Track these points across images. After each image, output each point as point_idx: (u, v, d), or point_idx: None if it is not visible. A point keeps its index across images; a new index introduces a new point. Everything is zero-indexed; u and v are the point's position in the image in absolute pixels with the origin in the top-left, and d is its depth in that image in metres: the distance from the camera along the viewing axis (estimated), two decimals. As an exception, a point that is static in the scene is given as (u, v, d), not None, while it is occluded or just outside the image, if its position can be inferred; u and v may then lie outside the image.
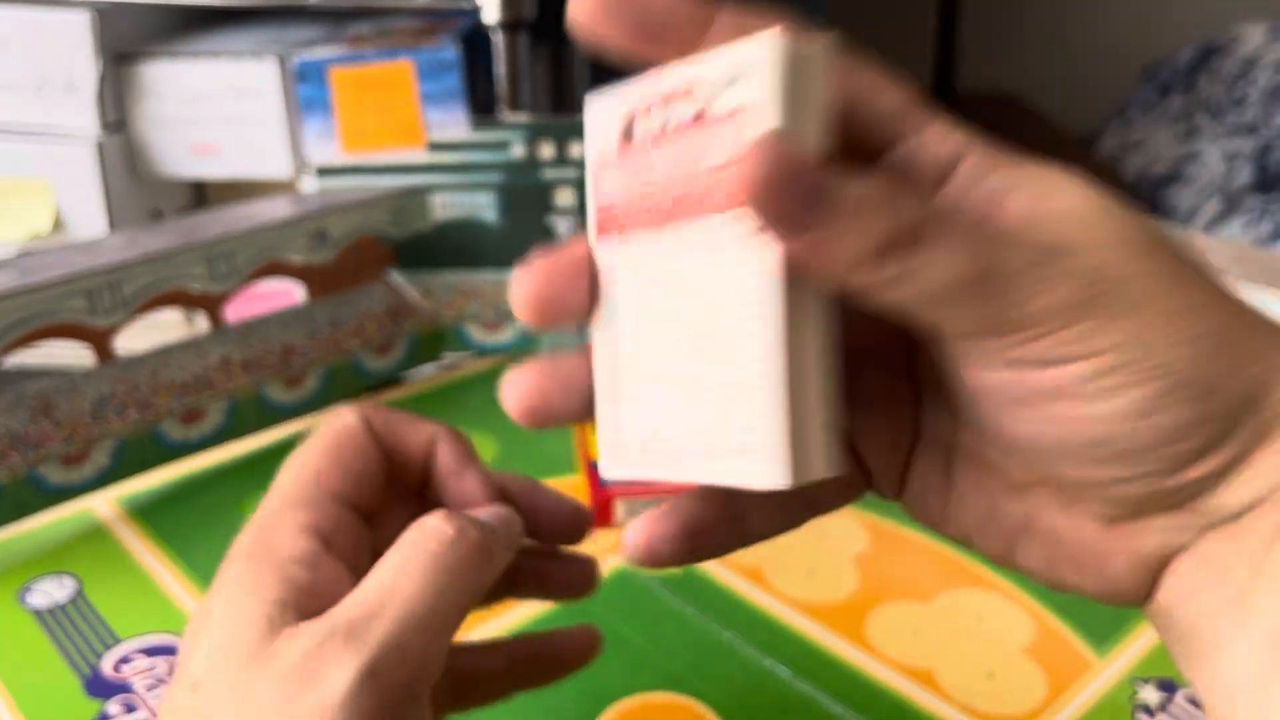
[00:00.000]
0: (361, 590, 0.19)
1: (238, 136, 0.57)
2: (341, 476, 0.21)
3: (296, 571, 0.19)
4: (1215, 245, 0.42)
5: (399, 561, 0.19)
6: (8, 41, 0.53)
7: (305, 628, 0.18)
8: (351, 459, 0.22)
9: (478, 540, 0.19)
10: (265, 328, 0.45)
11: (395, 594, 0.18)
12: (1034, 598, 0.35)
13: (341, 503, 0.21)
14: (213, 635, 0.19)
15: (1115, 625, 0.33)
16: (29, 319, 0.37)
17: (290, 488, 0.21)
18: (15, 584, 0.36)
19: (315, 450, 0.22)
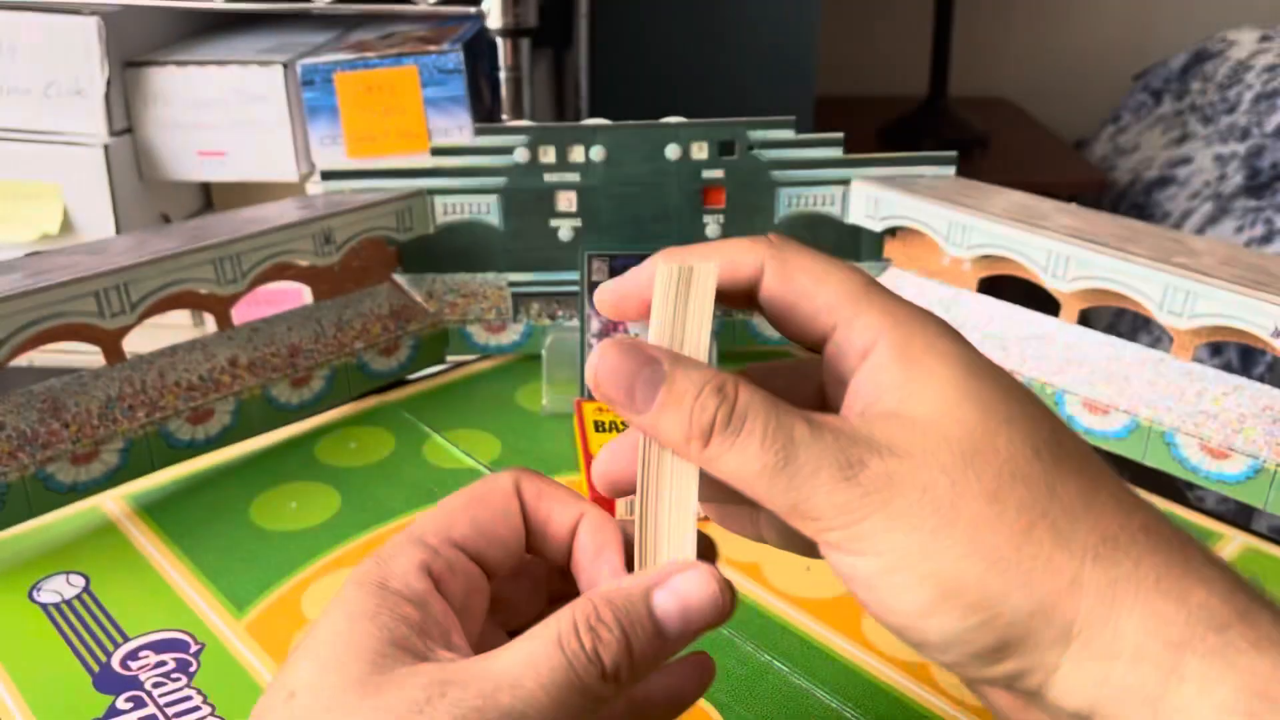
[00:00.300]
0: (489, 660, 0.19)
1: (244, 141, 0.57)
2: (470, 527, 0.22)
3: (409, 610, 0.20)
4: (1206, 248, 0.43)
5: (533, 655, 0.19)
6: (17, 47, 0.54)
7: (421, 670, 0.19)
8: (486, 515, 0.22)
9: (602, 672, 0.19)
10: (272, 329, 0.45)
11: (517, 687, 0.19)
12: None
13: (461, 549, 0.22)
14: (319, 654, 0.19)
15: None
16: (38, 320, 0.37)
17: (420, 527, 0.22)
18: (26, 581, 0.36)
19: (459, 498, 0.23)
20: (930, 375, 0.20)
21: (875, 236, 0.50)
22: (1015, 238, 0.44)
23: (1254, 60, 1.18)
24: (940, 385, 0.20)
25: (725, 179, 0.48)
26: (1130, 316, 1.07)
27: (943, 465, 0.19)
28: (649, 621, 0.20)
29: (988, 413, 0.20)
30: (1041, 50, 1.50)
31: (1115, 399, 0.42)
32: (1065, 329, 0.45)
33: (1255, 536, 0.40)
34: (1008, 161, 1.23)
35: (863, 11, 1.46)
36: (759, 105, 0.93)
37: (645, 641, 0.20)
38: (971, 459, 0.19)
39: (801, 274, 0.22)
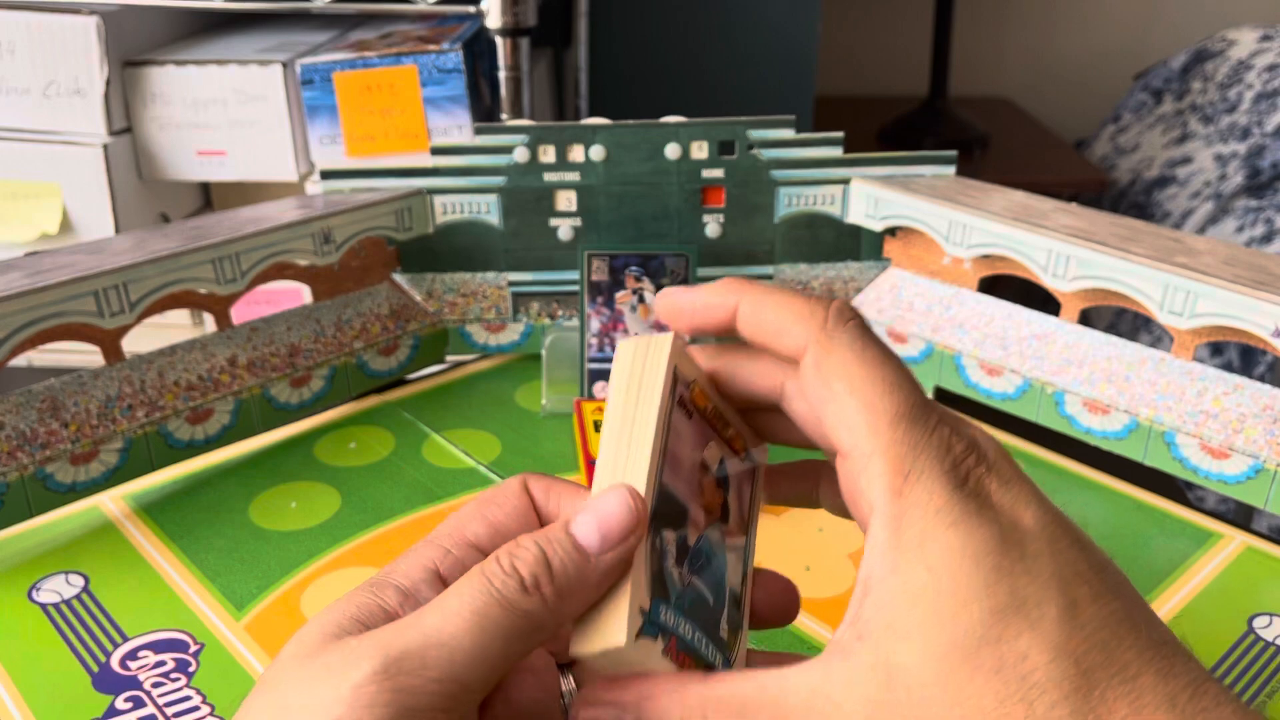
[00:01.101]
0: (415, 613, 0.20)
1: (244, 141, 0.57)
2: (482, 525, 0.22)
3: (387, 593, 0.20)
4: (1207, 247, 0.43)
5: (456, 586, 0.20)
6: (16, 46, 0.54)
7: (361, 637, 0.19)
8: (498, 514, 0.23)
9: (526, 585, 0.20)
10: (271, 328, 0.45)
11: (436, 609, 0.19)
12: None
13: (474, 548, 0.22)
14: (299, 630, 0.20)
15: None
16: (38, 320, 0.37)
17: (436, 533, 0.23)
18: (25, 581, 0.36)
19: (471, 504, 0.23)
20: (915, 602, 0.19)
21: (875, 236, 0.50)
22: (1015, 237, 0.44)
23: (1254, 60, 1.18)
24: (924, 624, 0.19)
25: (725, 178, 0.48)
26: (1130, 316, 1.06)
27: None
28: (565, 537, 0.20)
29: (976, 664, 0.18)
30: (1041, 50, 1.50)
31: (1115, 399, 0.42)
32: (1065, 329, 0.45)
33: (1255, 536, 0.40)
34: (1008, 161, 1.23)
35: (863, 12, 1.46)
36: (759, 105, 0.93)
37: (564, 555, 0.20)
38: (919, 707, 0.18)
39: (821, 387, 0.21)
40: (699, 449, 0.23)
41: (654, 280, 0.47)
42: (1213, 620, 0.35)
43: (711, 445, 0.24)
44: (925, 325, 0.48)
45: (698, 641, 0.22)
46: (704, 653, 0.22)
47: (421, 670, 0.18)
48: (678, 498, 0.22)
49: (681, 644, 0.22)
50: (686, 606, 0.22)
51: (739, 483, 0.24)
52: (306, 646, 0.19)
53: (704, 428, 0.23)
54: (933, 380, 0.48)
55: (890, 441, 0.20)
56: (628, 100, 0.92)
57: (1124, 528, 0.40)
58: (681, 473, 0.22)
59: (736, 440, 0.24)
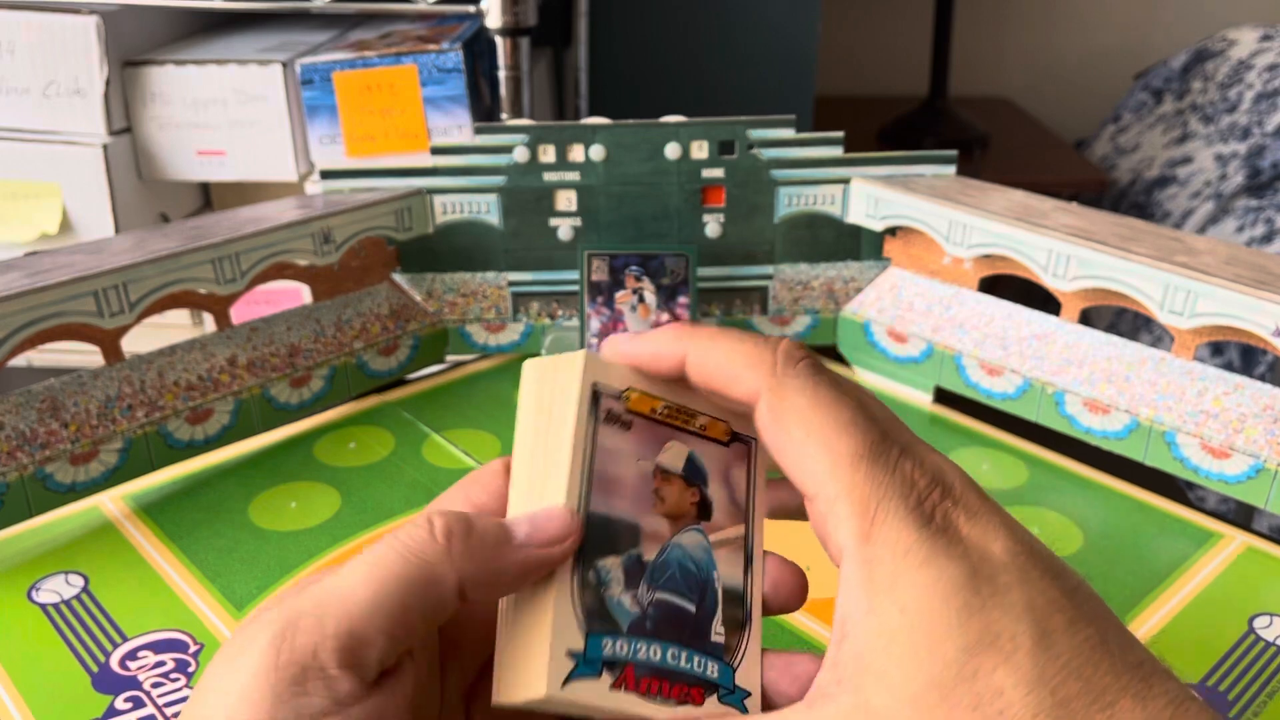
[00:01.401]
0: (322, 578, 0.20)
1: (244, 140, 0.57)
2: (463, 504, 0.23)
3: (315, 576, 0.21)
4: (1207, 247, 0.43)
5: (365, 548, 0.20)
6: (16, 47, 0.54)
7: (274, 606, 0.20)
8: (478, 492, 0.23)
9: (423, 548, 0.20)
10: (271, 328, 0.45)
11: (336, 569, 0.20)
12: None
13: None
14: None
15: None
16: (37, 320, 0.37)
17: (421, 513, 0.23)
18: (25, 581, 0.36)
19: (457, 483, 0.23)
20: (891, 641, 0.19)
21: (875, 236, 0.50)
22: (1016, 237, 0.44)
23: (1255, 59, 1.18)
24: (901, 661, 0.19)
25: (725, 178, 0.48)
26: (1131, 316, 1.06)
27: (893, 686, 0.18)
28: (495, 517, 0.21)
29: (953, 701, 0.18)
30: (1041, 50, 1.50)
31: (1116, 398, 0.42)
32: (1065, 328, 0.45)
33: (1256, 536, 0.40)
34: (1008, 161, 1.22)
35: (863, 12, 1.46)
36: (759, 105, 0.93)
37: (487, 524, 0.20)
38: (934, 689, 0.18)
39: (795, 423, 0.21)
40: (649, 456, 0.22)
41: (654, 280, 0.47)
42: (1213, 620, 0.35)
43: (672, 445, 0.23)
44: (925, 325, 0.48)
45: (673, 659, 0.22)
46: (685, 668, 0.22)
47: (318, 627, 0.18)
48: (619, 519, 0.22)
49: (645, 669, 0.21)
50: (650, 628, 0.21)
51: (723, 472, 0.23)
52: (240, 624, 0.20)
53: (655, 432, 0.23)
54: (933, 380, 0.48)
55: (852, 484, 0.20)
56: (628, 100, 0.92)
57: (1124, 528, 0.40)
58: (623, 491, 0.22)
59: (712, 428, 0.23)
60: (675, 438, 0.23)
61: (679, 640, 0.22)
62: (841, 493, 0.20)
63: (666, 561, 0.22)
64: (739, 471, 0.24)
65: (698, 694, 0.22)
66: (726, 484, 0.23)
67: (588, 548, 0.21)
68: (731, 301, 0.51)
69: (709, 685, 0.22)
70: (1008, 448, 0.45)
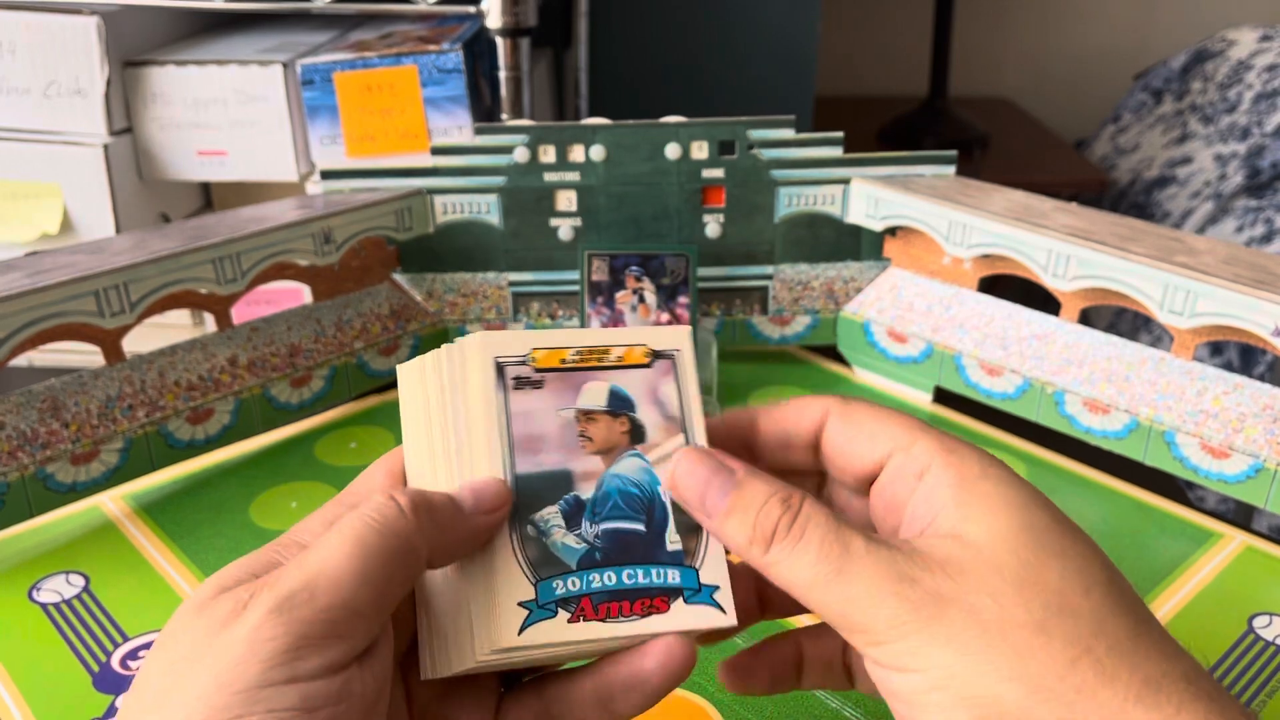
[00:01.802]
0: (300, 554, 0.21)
1: (244, 141, 0.57)
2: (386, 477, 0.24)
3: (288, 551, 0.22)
4: (1207, 247, 0.43)
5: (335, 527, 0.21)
6: (17, 47, 0.54)
7: (250, 584, 0.20)
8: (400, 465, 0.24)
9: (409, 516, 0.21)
10: (272, 328, 0.45)
11: (317, 549, 0.20)
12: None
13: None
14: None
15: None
16: (38, 320, 0.37)
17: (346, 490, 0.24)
18: (26, 581, 0.36)
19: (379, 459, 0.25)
20: (983, 499, 0.21)
21: (875, 236, 0.50)
22: (1016, 237, 0.44)
23: (1254, 60, 1.18)
24: (994, 512, 0.21)
25: (725, 178, 0.48)
26: (1130, 316, 1.06)
27: (992, 590, 0.20)
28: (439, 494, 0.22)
29: (1040, 544, 0.20)
30: (1041, 50, 1.50)
31: (1115, 398, 0.42)
32: (1065, 328, 0.45)
33: (1255, 536, 0.40)
34: (1008, 161, 1.23)
35: (862, 12, 1.46)
36: (759, 105, 0.93)
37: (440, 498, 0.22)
38: (1021, 588, 0.20)
39: (861, 412, 0.24)
40: (570, 404, 0.24)
41: (654, 280, 0.47)
42: (1213, 620, 0.35)
43: (589, 388, 0.24)
44: (925, 325, 0.48)
45: (629, 579, 0.23)
46: (644, 584, 0.23)
47: (311, 602, 0.19)
48: (547, 472, 0.23)
49: (602, 596, 0.23)
50: (600, 558, 0.23)
51: (651, 392, 0.25)
52: (198, 601, 0.20)
53: (570, 380, 0.24)
54: (933, 380, 0.48)
55: (928, 433, 0.23)
56: (628, 100, 0.92)
57: (1124, 528, 0.40)
58: (547, 445, 0.24)
59: (630, 355, 0.25)
60: (594, 378, 0.24)
61: (633, 561, 0.23)
62: (918, 437, 0.22)
63: (606, 493, 0.24)
64: (668, 386, 0.25)
65: (661, 603, 0.23)
66: (656, 402, 0.25)
67: (520, 507, 0.23)
68: (731, 301, 0.51)
69: (673, 591, 0.23)
70: (1007, 448, 0.45)
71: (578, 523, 0.23)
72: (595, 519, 0.23)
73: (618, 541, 0.23)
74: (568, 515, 0.23)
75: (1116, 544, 0.39)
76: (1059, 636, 0.19)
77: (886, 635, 0.20)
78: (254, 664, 0.18)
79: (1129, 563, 0.38)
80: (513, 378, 0.24)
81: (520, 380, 0.24)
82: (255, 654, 0.19)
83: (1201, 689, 0.19)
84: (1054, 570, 0.20)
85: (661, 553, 0.23)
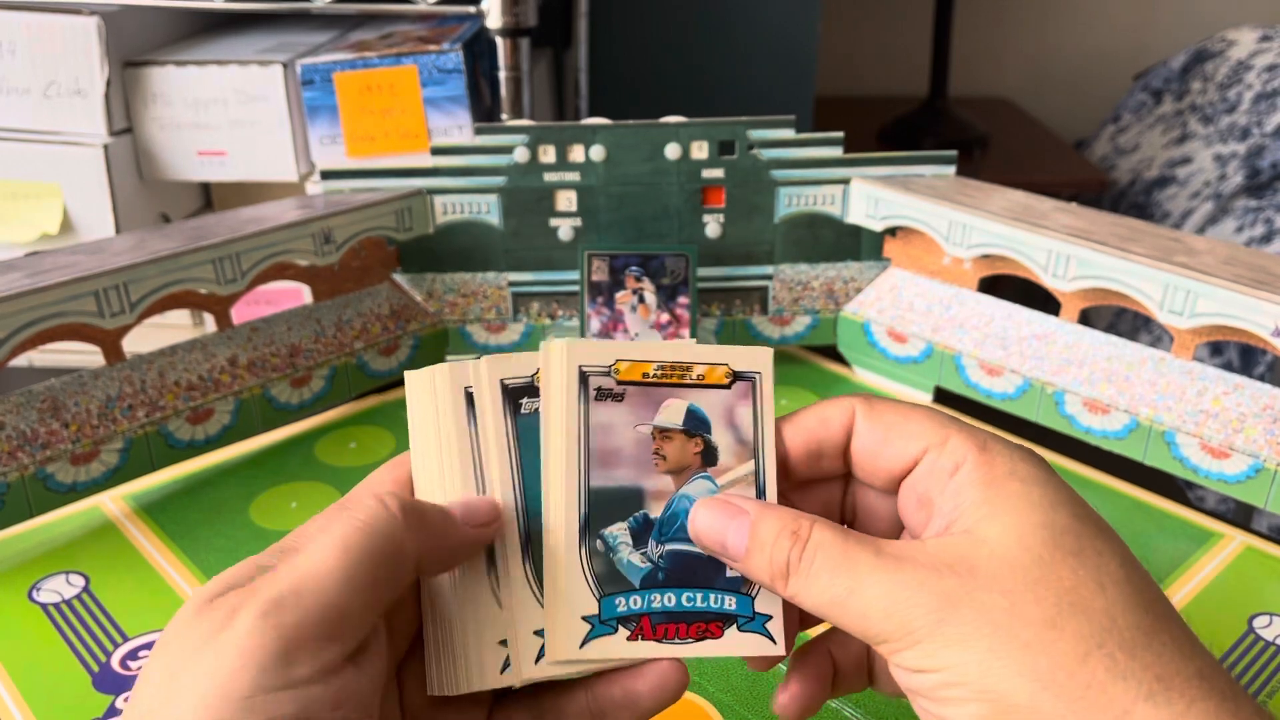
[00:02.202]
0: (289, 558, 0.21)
1: (244, 141, 0.57)
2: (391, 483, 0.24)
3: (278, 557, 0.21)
4: (1206, 247, 0.43)
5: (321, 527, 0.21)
6: (16, 46, 0.54)
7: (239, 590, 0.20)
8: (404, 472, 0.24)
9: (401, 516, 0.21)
10: (272, 329, 0.45)
11: (304, 550, 0.20)
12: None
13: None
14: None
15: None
16: (38, 320, 0.37)
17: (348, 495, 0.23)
18: (26, 581, 0.36)
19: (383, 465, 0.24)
20: (1008, 498, 0.21)
21: (875, 236, 0.50)
22: (1016, 237, 0.44)
23: (1254, 60, 1.18)
24: (1016, 510, 0.21)
25: (725, 178, 0.48)
26: (1130, 316, 1.06)
27: (1004, 588, 0.20)
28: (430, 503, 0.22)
29: (1057, 543, 0.21)
30: (1041, 50, 1.50)
31: (1115, 398, 0.42)
32: (1065, 328, 0.45)
33: (1255, 536, 0.40)
34: (1008, 161, 1.23)
35: (862, 12, 1.46)
36: (759, 105, 0.93)
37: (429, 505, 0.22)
38: (1034, 584, 0.20)
39: (889, 412, 0.24)
40: (648, 420, 0.24)
41: (654, 280, 0.47)
42: (1213, 620, 0.35)
43: (669, 405, 0.24)
44: (925, 325, 0.48)
45: (688, 602, 0.23)
46: (702, 607, 0.24)
47: (298, 605, 0.19)
48: (620, 488, 0.23)
49: (660, 617, 0.23)
50: (663, 578, 0.23)
51: (727, 414, 0.24)
52: (194, 606, 0.20)
53: (651, 395, 0.24)
54: (932, 380, 0.48)
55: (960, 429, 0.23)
56: (628, 100, 0.92)
57: (1124, 528, 0.40)
58: (622, 460, 0.23)
59: (711, 374, 0.24)
60: (674, 395, 0.24)
61: (694, 584, 0.23)
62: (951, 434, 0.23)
63: (674, 514, 0.24)
64: (744, 410, 0.25)
65: (716, 628, 0.23)
66: (732, 425, 0.24)
67: (591, 520, 0.23)
68: (731, 301, 0.51)
69: (728, 617, 0.23)
70: (1007, 448, 0.45)
71: (644, 541, 0.23)
72: (661, 539, 0.23)
73: (680, 563, 0.23)
74: (635, 533, 0.23)
75: (1116, 544, 0.39)
76: (1070, 633, 0.19)
77: (904, 642, 0.20)
78: (248, 671, 0.19)
79: (1129, 563, 0.38)
80: (595, 388, 0.23)
81: (602, 391, 0.23)
82: (248, 661, 0.19)
83: (1214, 686, 0.19)
84: (1068, 568, 0.20)
85: (721, 578, 0.24)
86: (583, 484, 0.23)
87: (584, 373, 0.23)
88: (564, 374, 0.23)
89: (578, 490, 0.23)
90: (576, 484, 0.23)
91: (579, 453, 0.23)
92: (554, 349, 0.23)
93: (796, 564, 0.22)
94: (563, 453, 0.23)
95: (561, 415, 0.23)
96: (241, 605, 0.19)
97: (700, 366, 0.24)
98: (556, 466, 0.23)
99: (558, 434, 0.23)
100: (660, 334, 0.47)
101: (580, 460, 0.23)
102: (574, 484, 0.23)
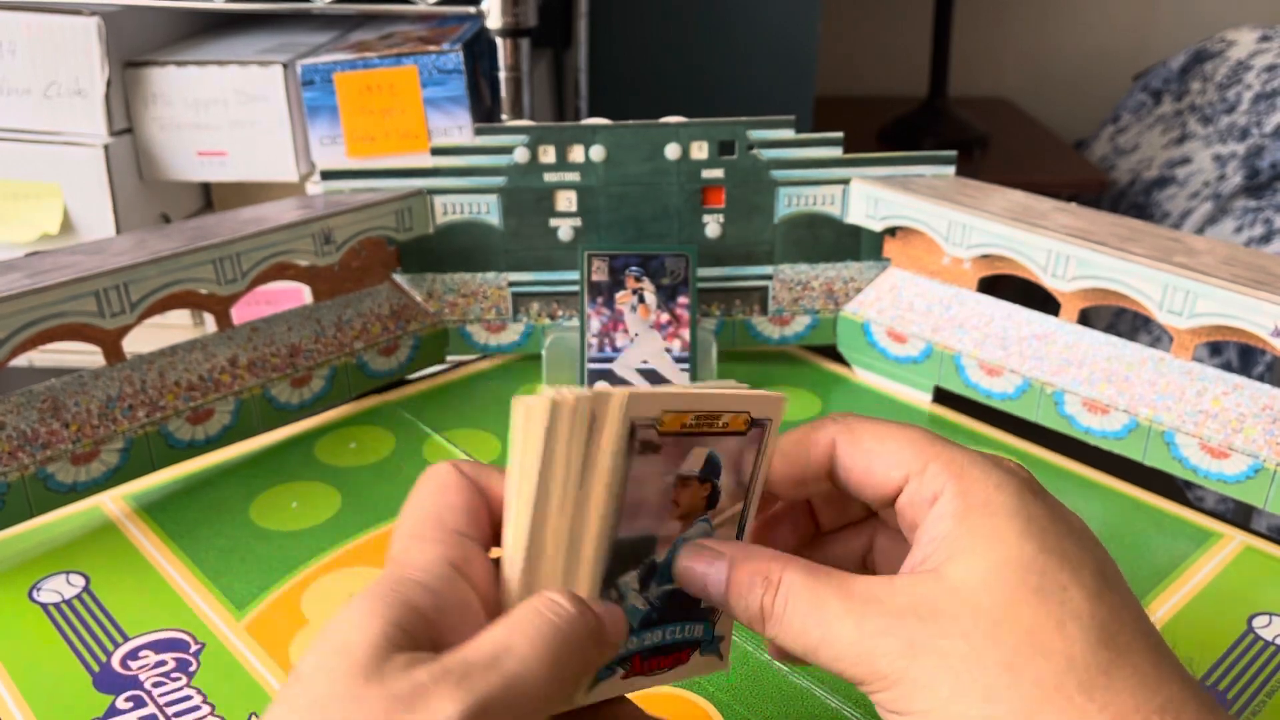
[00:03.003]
0: (479, 640, 0.20)
1: (244, 141, 0.57)
2: (457, 512, 0.23)
3: (417, 594, 0.20)
4: (1206, 247, 0.43)
5: (518, 622, 0.20)
6: (16, 47, 0.54)
7: (421, 659, 0.19)
8: (459, 497, 0.23)
9: (593, 624, 0.21)
10: (272, 329, 0.45)
11: (511, 652, 0.19)
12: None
13: (464, 535, 0.22)
14: (328, 638, 0.20)
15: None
16: (38, 320, 0.37)
17: (415, 528, 0.22)
18: (26, 581, 0.36)
19: (425, 494, 0.23)
20: (976, 536, 0.21)
21: (875, 236, 0.50)
22: (1015, 237, 0.44)
23: (1253, 60, 1.18)
24: (983, 548, 0.21)
25: (725, 178, 0.49)
26: (1130, 316, 1.06)
27: (964, 631, 0.20)
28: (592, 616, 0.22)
29: (1021, 580, 0.20)
30: (1041, 50, 1.50)
31: (1115, 399, 0.42)
32: (1065, 329, 0.45)
33: (1255, 536, 0.40)
34: (1008, 162, 1.23)
35: (862, 12, 1.46)
36: (759, 105, 0.93)
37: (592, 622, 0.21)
38: (994, 627, 0.20)
39: (869, 438, 0.24)
40: (674, 469, 0.23)
41: (654, 280, 0.47)
42: (1212, 620, 0.35)
43: (695, 452, 0.23)
44: (925, 325, 0.48)
45: (669, 636, 0.24)
46: (677, 639, 0.24)
47: (506, 713, 0.19)
48: (639, 537, 0.23)
49: (649, 653, 0.24)
50: (656, 618, 0.24)
51: (736, 458, 0.24)
52: (357, 663, 0.19)
53: (682, 445, 0.23)
54: (932, 380, 0.48)
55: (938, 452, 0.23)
56: (628, 100, 0.92)
57: (1124, 528, 0.40)
58: (646, 510, 0.23)
59: (734, 422, 0.24)
60: (700, 443, 0.23)
61: (675, 618, 0.24)
62: (929, 460, 0.23)
63: (668, 561, 0.24)
64: (750, 454, 0.25)
65: (685, 655, 0.24)
66: (736, 469, 0.24)
67: (613, 570, 0.23)
68: (731, 301, 0.51)
69: (694, 644, 0.24)
70: (1007, 448, 0.45)
71: (648, 585, 0.23)
72: (660, 582, 0.23)
73: (672, 602, 0.24)
74: (642, 580, 0.23)
75: (1116, 544, 0.39)
76: (1028, 677, 0.19)
77: (878, 685, 0.21)
78: None
79: (1128, 563, 0.38)
80: (640, 441, 0.22)
81: (645, 445, 0.22)
82: None
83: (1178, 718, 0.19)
84: (1029, 607, 0.20)
85: (695, 609, 0.24)
86: (612, 537, 0.22)
87: (634, 426, 0.22)
88: (617, 427, 0.22)
89: (608, 544, 0.22)
90: (609, 539, 0.22)
91: (615, 508, 0.22)
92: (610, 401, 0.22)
93: (770, 609, 0.22)
94: (603, 507, 0.22)
95: (606, 470, 0.22)
96: (435, 690, 0.18)
97: (726, 415, 0.24)
98: (596, 521, 0.22)
99: (600, 489, 0.22)
100: (660, 334, 0.47)
101: (614, 515, 0.22)
102: (605, 539, 0.22)
